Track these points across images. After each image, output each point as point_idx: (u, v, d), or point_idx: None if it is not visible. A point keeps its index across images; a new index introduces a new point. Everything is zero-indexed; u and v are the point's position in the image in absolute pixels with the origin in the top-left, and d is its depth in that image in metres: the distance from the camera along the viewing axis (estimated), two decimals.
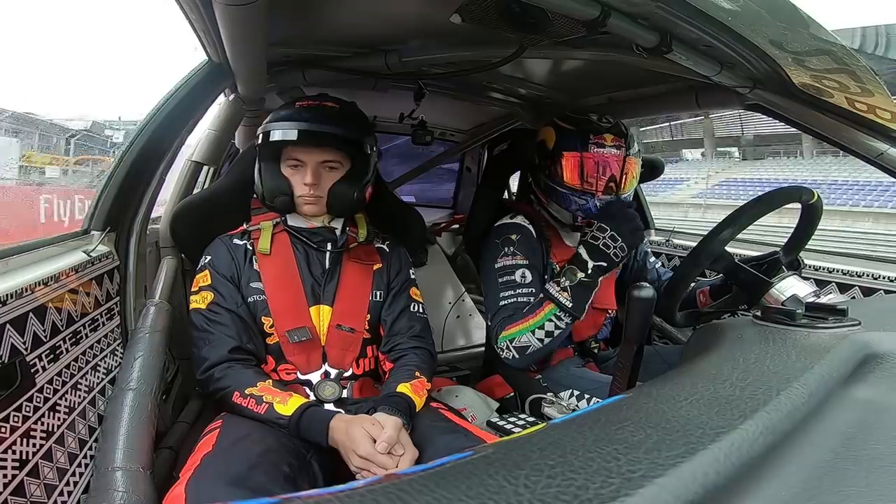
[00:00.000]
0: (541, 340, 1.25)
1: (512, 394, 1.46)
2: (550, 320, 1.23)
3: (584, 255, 1.24)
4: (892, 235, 16.40)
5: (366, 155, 1.15)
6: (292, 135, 1.07)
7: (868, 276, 1.42)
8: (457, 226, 2.45)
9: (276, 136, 1.08)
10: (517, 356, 1.27)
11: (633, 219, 1.27)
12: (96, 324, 0.95)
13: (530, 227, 1.40)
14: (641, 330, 0.87)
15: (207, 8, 0.82)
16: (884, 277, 1.39)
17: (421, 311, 1.21)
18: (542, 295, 1.26)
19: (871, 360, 0.44)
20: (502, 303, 1.32)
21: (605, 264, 1.23)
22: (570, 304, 1.21)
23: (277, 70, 1.31)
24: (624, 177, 1.35)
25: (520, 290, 1.31)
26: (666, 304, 1.16)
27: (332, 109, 1.12)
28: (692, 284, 1.34)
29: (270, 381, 1.02)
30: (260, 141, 1.11)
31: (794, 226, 1.17)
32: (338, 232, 1.17)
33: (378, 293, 1.18)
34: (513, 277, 1.33)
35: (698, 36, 0.90)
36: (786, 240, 1.21)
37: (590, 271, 1.23)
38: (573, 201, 1.34)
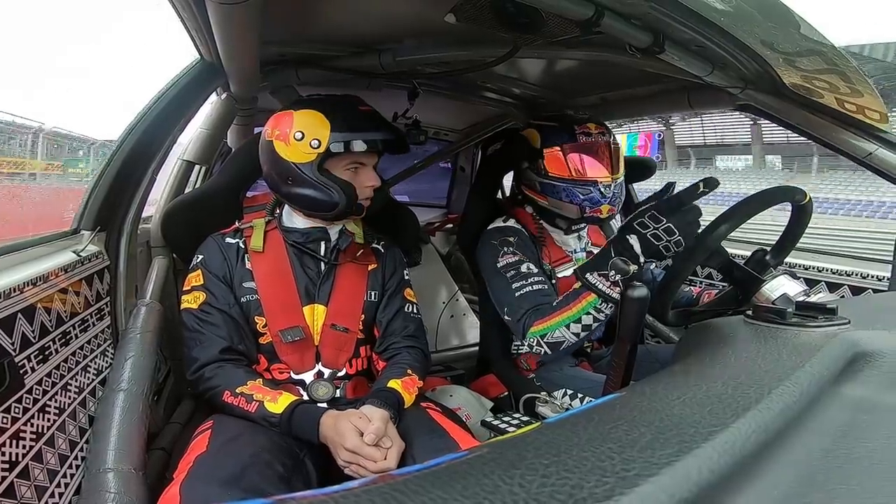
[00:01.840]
0: (576, 335, 1.17)
1: (506, 393, 1.46)
2: (589, 313, 1.14)
3: (637, 248, 1.08)
4: None
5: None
6: (377, 143, 1.07)
7: (857, 275, 1.44)
8: (450, 225, 2.45)
9: (363, 146, 1.05)
10: (549, 351, 1.22)
11: (695, 211, 1.07)
12: (86, 324, 0.94)
13: (524, 230, 1.40)
14: (635, 329, 0.87)
15: (200, 6, 0.81)
16: (872, 276, 1.41)
17: (415, 311, 1.21)
18: (576, 286, 1.17)
19: (861, 359, 0.45)
20: (518, 293, 1.27)
21: (655, 261, 1.17)
22: (614, 294, 1.10)
23: (271, 69, 1.30)
24: (616, 161, 1.35)
25: (532, 280, 1.28)
26: (659, 301, 1.16)
27: (378, 113, 1.12)
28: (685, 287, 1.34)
29: (261, 379, 1.01)
30: (330, 149, 1.04)
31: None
32: (333, 233, 1.17)
33: (373, 293, 1.18)
34: (521, 270, 1.31)
35: (691, 36, 0.91)
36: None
37: (643, 264, 1.11)
38: (576, 193, 1.32)
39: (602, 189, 1.32)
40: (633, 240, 1.08)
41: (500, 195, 1.85)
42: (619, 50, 1.03)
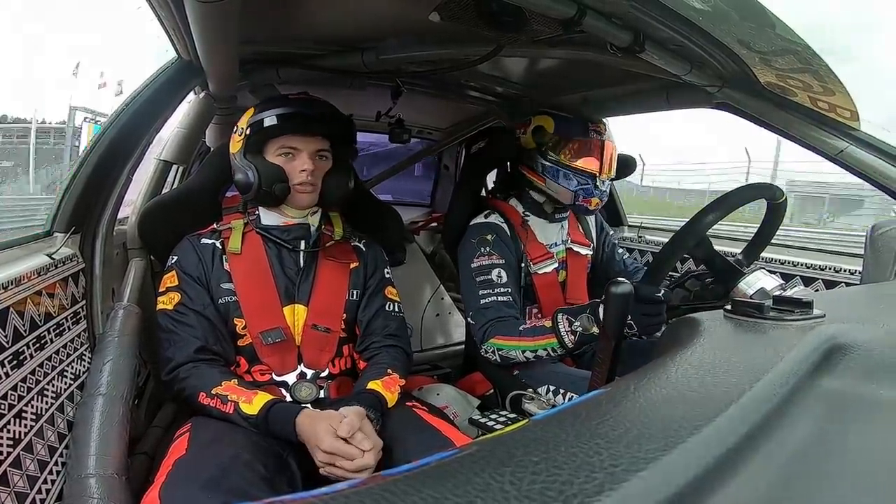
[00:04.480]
0: (528, 359, 1.29)
1: (492, 390, 1.47)
2: (545, 349, 1.25)
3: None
4: None
5: (351, 148, 1.17)
6: (294, 118, 1.07)
7: (830, 269, 1.48)
8: (435, 224, 2.45)
9: (276, 120, 1.06)
10: (500, 361, 1.33)
11: (659, 316, 1.13)
12: (62, 328, 0.92)
13: (504, 226, 1.42)
14: (619, 325, 0.88)
15: (178, 4, 0.79)
16: (844, 270, 1.45)
17: (396, 310, 1.21)
18: (546, 324, 1.25)
19: (837, 352, 0.46)
20: (483, 301, 1.34)
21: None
22: (571, 346, 1.22)
23: (251, 67, 1.28)
24: (612, 161, 1.46)
25: (498, 290, 1.35)
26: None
27: (321, 101, 1.13)
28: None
29: (236, 379, 1.00)
30: (250, 131, 1.08)
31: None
32: (312, 229, 1.16)
33: (354, 292, 1.17)
34: (490, 277, 1.36)
35: (669, 35, 0.92)
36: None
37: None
38: (577, 181, 1.42)
39: (598, 183, 1.42)
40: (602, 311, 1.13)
41: (483, 193, 1.86)
42: (601, 49, 1.05)
